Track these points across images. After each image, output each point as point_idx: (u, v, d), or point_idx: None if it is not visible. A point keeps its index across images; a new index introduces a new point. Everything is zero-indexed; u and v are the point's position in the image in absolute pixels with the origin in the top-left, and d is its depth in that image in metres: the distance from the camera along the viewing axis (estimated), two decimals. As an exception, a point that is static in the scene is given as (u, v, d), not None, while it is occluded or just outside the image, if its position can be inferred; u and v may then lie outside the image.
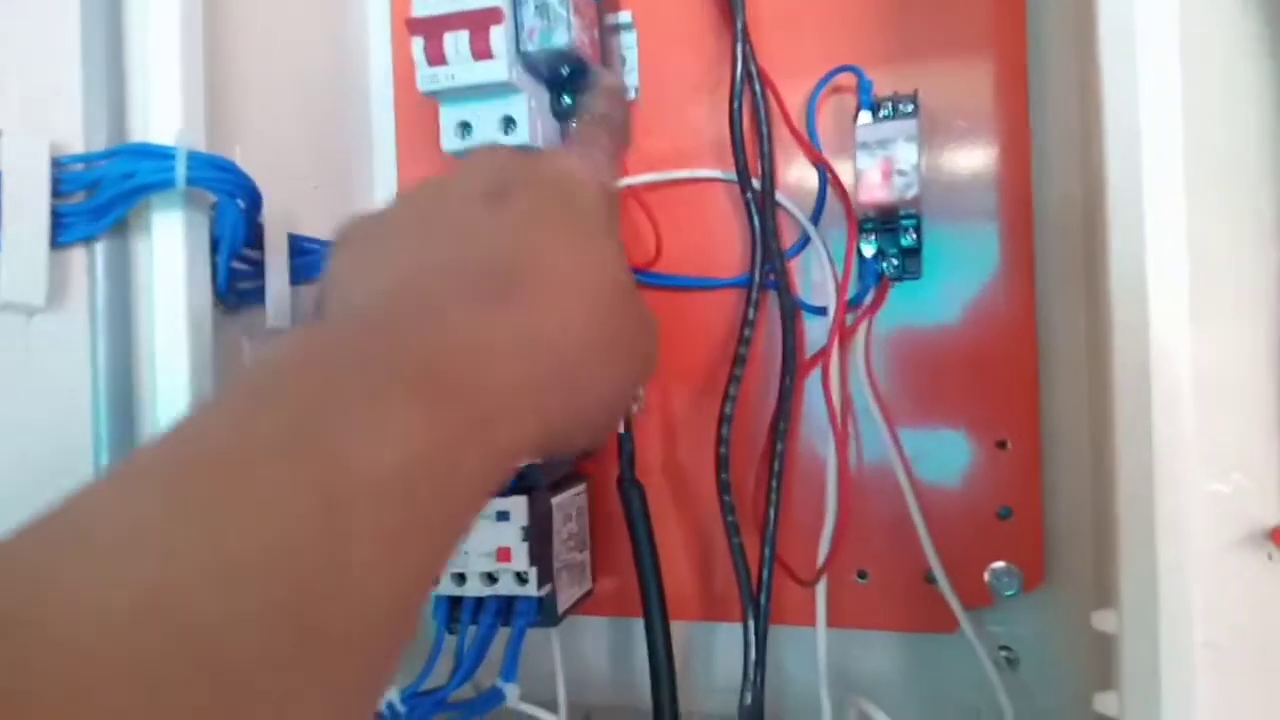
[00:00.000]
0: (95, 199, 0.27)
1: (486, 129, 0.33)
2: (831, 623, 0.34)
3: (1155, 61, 0.21)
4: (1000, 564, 0.33)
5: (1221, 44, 0.22)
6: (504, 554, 0.31)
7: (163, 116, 0.28)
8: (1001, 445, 0.33)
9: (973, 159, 0.34)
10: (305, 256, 0.35)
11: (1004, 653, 0.34)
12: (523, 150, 0.34)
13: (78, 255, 0.28)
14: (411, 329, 0.18)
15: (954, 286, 0.34)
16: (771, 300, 0.35)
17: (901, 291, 0.35)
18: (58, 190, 0.27)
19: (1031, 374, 0.33)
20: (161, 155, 0.26)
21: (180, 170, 0.26)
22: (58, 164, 0.26)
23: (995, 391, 0.33)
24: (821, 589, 0.34)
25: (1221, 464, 0.33)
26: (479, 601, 0.33)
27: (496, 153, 0.25)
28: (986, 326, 0.34)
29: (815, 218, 0.35)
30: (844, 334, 0.34)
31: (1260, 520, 0.33)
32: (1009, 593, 0.33)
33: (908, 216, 0.32)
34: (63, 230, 0.27)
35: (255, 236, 0.32)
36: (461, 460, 0.17)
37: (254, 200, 0.29)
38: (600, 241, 0.23)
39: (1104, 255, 0.21)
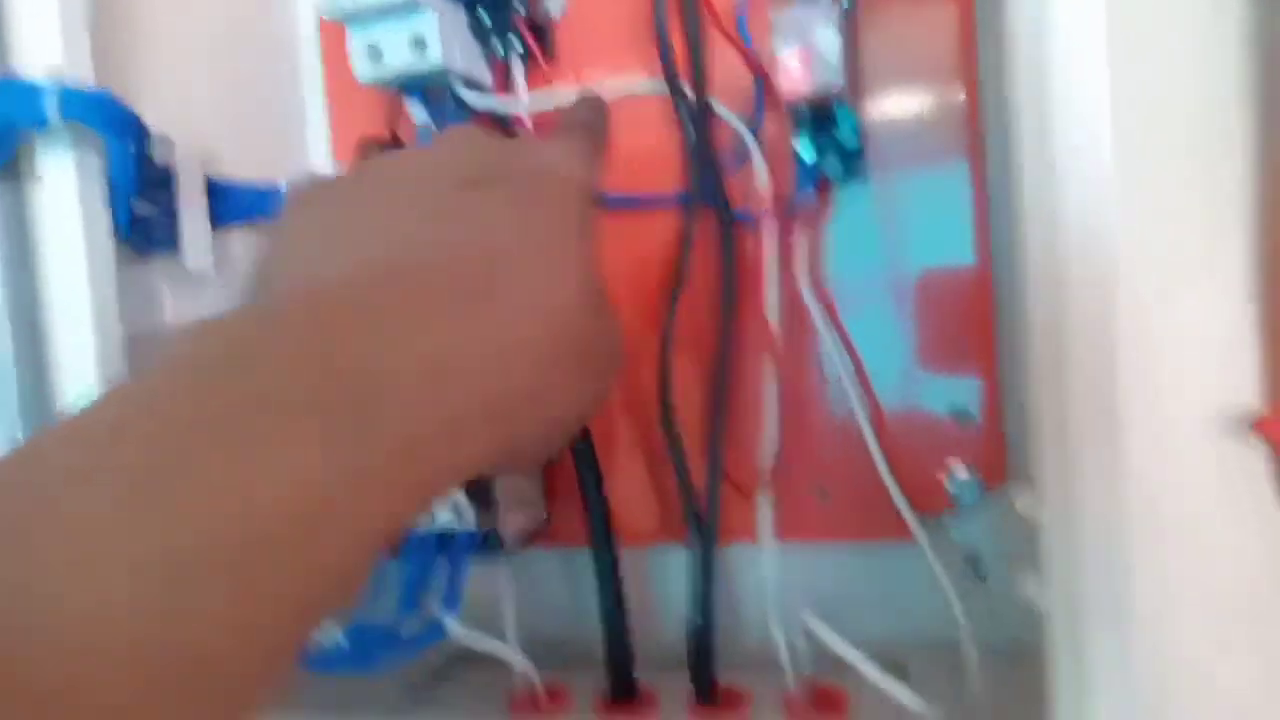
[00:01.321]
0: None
1: (397, 52, 0.32)
2: (788, 536, 0.33)
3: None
4: (959, 465, 0.32)
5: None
6: (438, 487, 0.30)
7: (43, 53, 0.27)
8: (960, 342, 0.32)
9: (916, 51, 0.32)
10: (228, 199, 0.34)
11: (968, 561, 0.33)
12: (502, 136, 0.32)
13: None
14: (369, 328, 0.16)
15: (902, 189, 0.32)
16: (714, 216, 0.34)
17: (847, 196, 0.33)
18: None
19: (986, 271, 0.32)
20: (31, 92, 0.25)
21: (52, 107, 0.25)
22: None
23: (950, 294, 0.32)
24: (765, 502, 0.32)
25: (1188, 349, 0.32)
26: (420, 540, 0.32)
27: (474, 135, 0.23)
28: (938, 228, 0.32)
29: (754, 127, 0.34)
30: (786, 242, 0.33)
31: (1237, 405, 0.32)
32: (969, 498, 0.32)
33: (834, 110, 0.30)
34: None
35: (163, 177, 0.31)
36: (371, 489, 0.15)
37: (142, 137, 0.27)
38: (576, 244, 0.21)
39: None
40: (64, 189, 0.27)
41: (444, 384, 0.16)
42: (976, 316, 0.32)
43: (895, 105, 0.32)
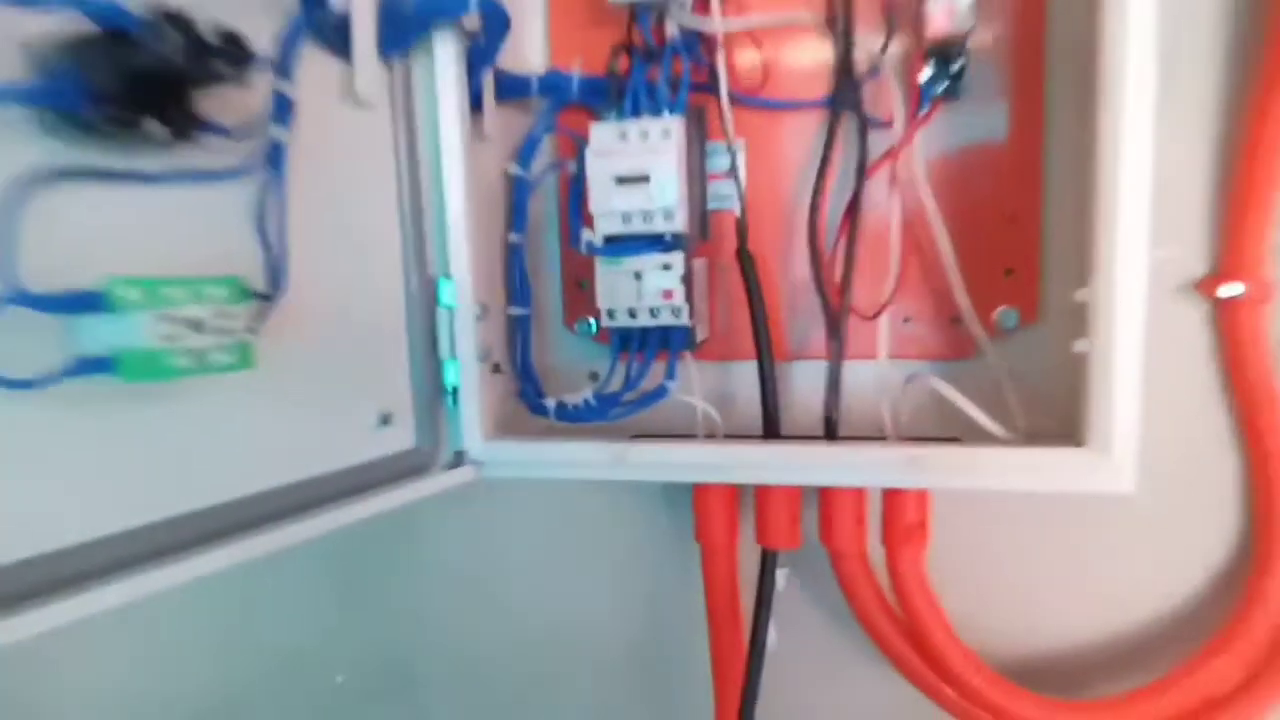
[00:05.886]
0: (403, 23, 0.38)
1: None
2: (890, 354, 0.48)
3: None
4: (1006, 307, 0.47)
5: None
6: (669, 294, 0.44)
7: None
8: (1012, 220, 0.47)
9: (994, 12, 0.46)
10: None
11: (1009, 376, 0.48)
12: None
13: (383, 71, 0.39)
14: None
15: (987, 108, 0.46)
16: (846, 119, 0.47)
17: (946, 112, 0.47)
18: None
19: (1037, 164, 0.46)
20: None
21: (473, 3, 0.37)
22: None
23: (1012, 178, 0.46)
24: (884, 326, 0.47)
25: (1160, 226, 0.47)
26: (645, 332, 0.46)
27: None
28: (1006, 138, 0.46)
29: (883, 51, 0.47)
30: (906, 139, 0.47)
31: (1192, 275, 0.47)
32: (1010, 326, 0.47)
33: (959, 49, 0.44)
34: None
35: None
36: None
37: (506, 26, 0.40)
38: None
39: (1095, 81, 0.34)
40: (446, 63, 0.39)
41: None
42: (1024, 197, 0.46)
43: (987, 46, 0.46)
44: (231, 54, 0.27)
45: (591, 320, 0.52)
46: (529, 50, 0.52)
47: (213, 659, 0.65)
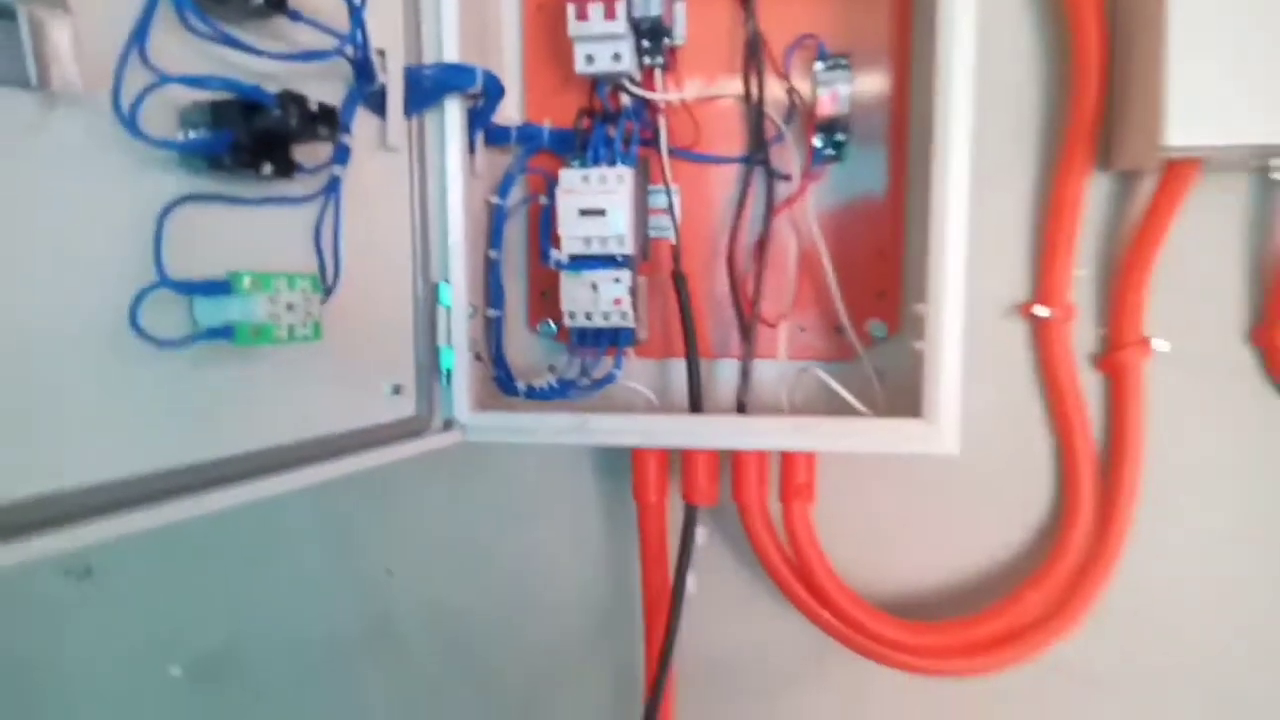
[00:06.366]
0: (424, 92, 0.50)
1: (603, 60, 0.57)
2: (789, 355, 0.61)
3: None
4: (877, 320, 0.61)
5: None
6: (619, 301, 0.57)
7: (451, 45, 0.51)
8: (881, 255, 0.61)
9: (873, 100, 0.60)
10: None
11: (877, 371, 0.62)
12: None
13: (406, 125, 0.52)
14: None
15: (864, 169, 0.60)
16: (757, 172, 0.61)
17: (833, 170, 0.61)
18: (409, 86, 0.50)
19: (901, 213, 0.60)
20: (470, 71, 0.49)
21: (478, 79, 0.49)
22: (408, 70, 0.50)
23: (882, 222, 0.60)
24: (784, 333, 0.61)
25: (992, 265, 0.61)
26: (598, 331, 0.59)
27: None
28: (882, 191, 0.60)
29: (787, 122, 0.61)
30: (801, 190, 0.61)
31: (1014, 299, 0.62)
32: (880, 335, 0.61)
33: (842, 126, 0.58)
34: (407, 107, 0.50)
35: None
36: None
37: (499, 95, 0.52)
38: None
39: (927, 147, 0.48)
40: (454, 121, 0.51)
41: None
42: (890, 237, 0.61)
43: (864, 119, 0.60)
44: (328, 121, 0.39)
45: (551, 322, 0.65)
46: (509, 106, 0.64)
47: (217, 609, 0.75)
